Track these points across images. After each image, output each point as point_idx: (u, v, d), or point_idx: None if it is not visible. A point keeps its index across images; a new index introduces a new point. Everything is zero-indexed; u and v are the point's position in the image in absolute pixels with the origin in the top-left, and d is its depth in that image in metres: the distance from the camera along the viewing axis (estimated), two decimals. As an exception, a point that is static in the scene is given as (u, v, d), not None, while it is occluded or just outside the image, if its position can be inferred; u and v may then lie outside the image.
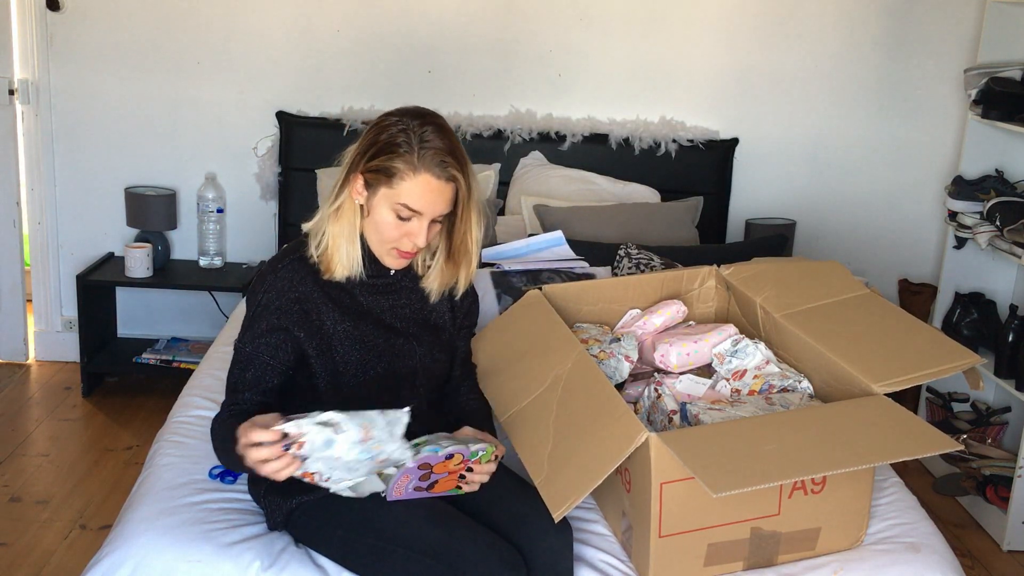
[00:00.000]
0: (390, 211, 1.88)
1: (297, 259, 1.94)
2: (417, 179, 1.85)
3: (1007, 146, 3.45)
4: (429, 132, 1.86)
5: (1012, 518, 3.00)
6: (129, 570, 1.85)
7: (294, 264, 1.93)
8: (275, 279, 1.91)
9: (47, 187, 3.82)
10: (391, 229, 1.89)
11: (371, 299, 1.99)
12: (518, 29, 3.74)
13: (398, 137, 1.85)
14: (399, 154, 1.85)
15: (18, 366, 3.94)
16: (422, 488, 1.80)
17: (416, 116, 1.89)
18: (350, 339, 1.94)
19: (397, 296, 2.02)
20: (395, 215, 1.88)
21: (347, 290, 1.96)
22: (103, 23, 3.69)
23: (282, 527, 1.95)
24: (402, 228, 1.89)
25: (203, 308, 3.90)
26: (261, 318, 1.89)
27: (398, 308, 2.02)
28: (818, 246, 3.93)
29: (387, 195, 1.87)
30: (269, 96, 3.77)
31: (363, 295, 1.98)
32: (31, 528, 2.84)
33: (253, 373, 1.89)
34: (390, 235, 1.90)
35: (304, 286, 1.91)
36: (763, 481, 1.66)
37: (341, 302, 1.95)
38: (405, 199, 1.86)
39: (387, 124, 1.88)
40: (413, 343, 2.01)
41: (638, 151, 3.73)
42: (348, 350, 1.94)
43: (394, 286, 2.02)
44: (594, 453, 1.80)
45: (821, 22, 3.75)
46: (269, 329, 1.88)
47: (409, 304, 2.04)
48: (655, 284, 2.52)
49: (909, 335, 2.16)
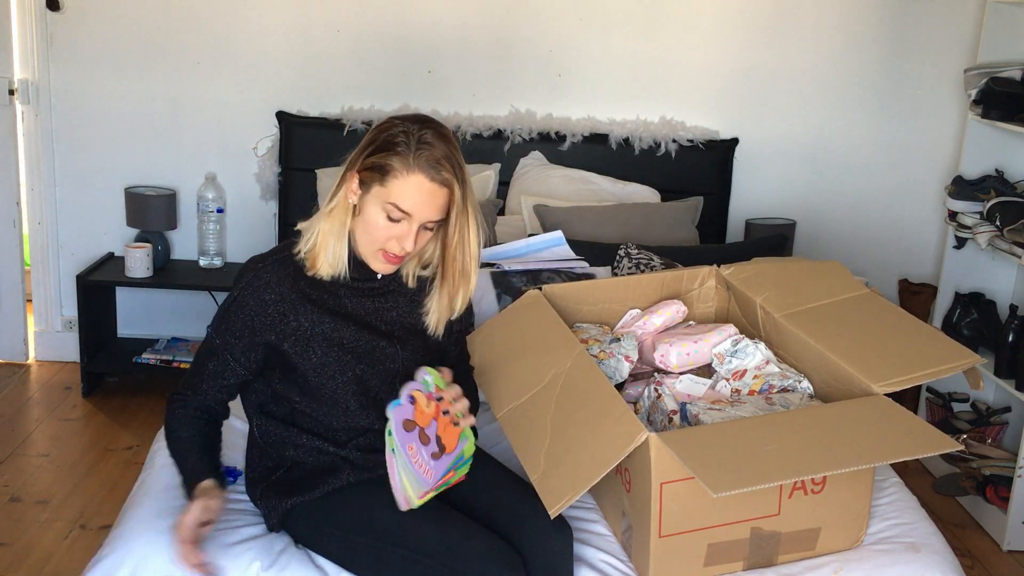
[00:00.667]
0: (380, 210, 1.86)
1: (280, 259, 1.93)
2: (410, 179, 1.83)
3: (1007, 146, 3.45)
4: (429, 135, 1.85)
5: (1012, 518, 3.00)
6: (129, 570, 1.85)
7: (275, 265, 1.92)
8: (254, 277, 1.90)
9: (47, 187, 3.82)
10: (379, 229, 1.87)
11: (356, 301, 1.96)
12: (518, 29, 3.74)
13: (397, 137, 1.85)
14: (395, 152, 1.84)
15: (18, 366, 3.94)
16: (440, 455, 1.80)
17: (418, 121, 1.88)
18: (327, 341, 1.91)
19: (384, 299, 1.99)
20: (385, 215, 1.86)
21: (331, 291, 1.94)
22: (103, 23, 3.69)
23: (279, 528, 1.95)
24: (391, 230, 1.87)
25: (203, 308, 3.90)
26: (234, 315, 1.90)
27: (384, 311, 1.99)
28: (818, 246, 3.93)
29: (379, 193, 1.85)
30: (269, 96, 3.77)
31: (348, 297, 1.95)
32: (31, 528, 2.84)
33: (215, 366, 1.93)
34: (378, 235, 1.88)
35: (282, 287, 1.90)
36: (763, 481, 1.66)
37: (323, 303, 1.92)
38: (396, 198, 1.84)
39: (388, 125, 1.88)
40: (397, 346, 1.98)
41: (638, 151, 3.73)
42: (325, 351, 1.91)
43: (380, 290, 1.99)
44: (593, 451, 1.80)
45: (821, 22, 3.75)
46: (240, 329, 1.90)
47: (396, 307, 2.00)
48: (655, 284, 2.52)
49: (909, 335, 2.16)
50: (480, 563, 1.76)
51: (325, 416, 1.95)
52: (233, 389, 1.97)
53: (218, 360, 1.92)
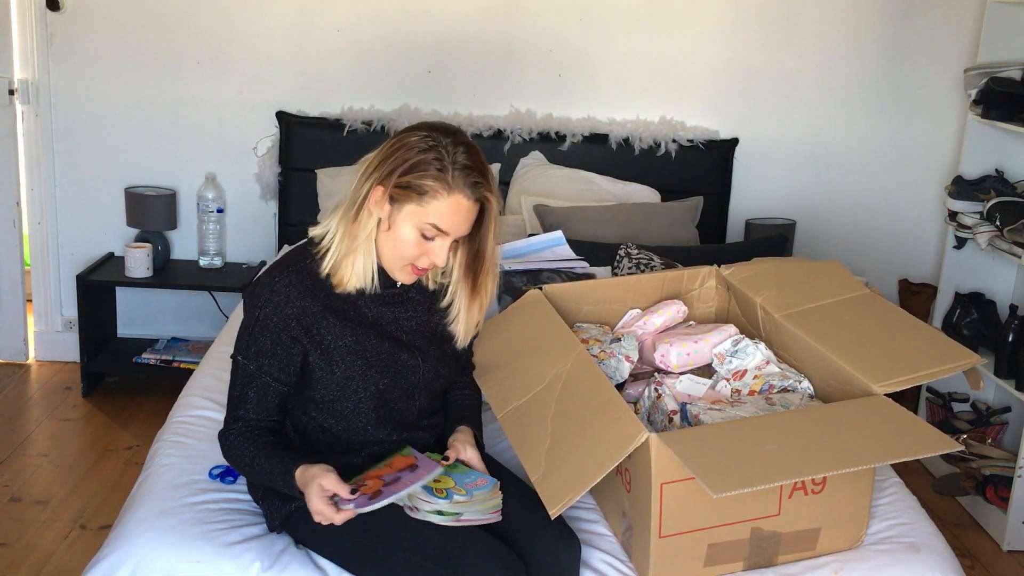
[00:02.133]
0: (414, 229, 1.83)
1: (296, 271, 1.88)
2: (450, 200, 1.80)
3: (1007, 146, 3.45)
4: (463, 152, 1.82)
5: (1012, 518, 3.00)
6: (129, 570, 1.85)
7: (291, 277, 1.86)
8: (272, 293, 1.85)
9: (47, 187, 3.82)
10: (412, 247, 1.84)
11: (377, 311, 1.94)
12: (518, 29, 3.74)
13: (429, 154, 1.80)
14: (432, 173, 1.79)
15: (18, 366, 3.94)
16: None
17: (448, 133, 1.84)
18: (352, 354, 1.89)
19: (404, 308, 1.97)
20: (419, 233, 1.83)
21: (351, 301, 1.91)
22: (103, 23, 3.69)
23: (281, 529, 1.95)
24: (423, 247, 1.84)
25: (203, 308, 3.90)
26: (262, 335, 1.84)
27: (404, 320, 1.97)
28: (818, 246, 3.93)
29: (415, 212, 1.81)
30: (269, 96, 3.76)
31: (368, 306, 1.93)
32: (31, 528, 2.84)
33: (256, 392, 1.86)
34: (410, 253, 1.85)
35: (303, 300, 1.86)
36: (763, 481, 1.66)
37: (344, 314, 1.89)
38: (435, 219, 1.81)
39: (419, 141, 1.82)
40: (418, 359, 1.96)
41: (638, 151, 3.73)
42: (350, 365, 1.88)
43: (400, 297, 1.97)
44: (593, 451, 1.79)
45: (821, 22, 3.75)
46: (273, 347, 1.85)
47: (416, 316, 1.99)
48: (655, 284, 2.52)
49: (909, 335, 2.16)
50: (481, 567, 1.75)
51: (340, 430, 1.94)
52: (281, 406, 1.91)
53: (258, 385, 1.87)
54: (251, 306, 1.87)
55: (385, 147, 1.86)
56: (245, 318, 1.88)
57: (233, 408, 1.89)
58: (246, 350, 1.86)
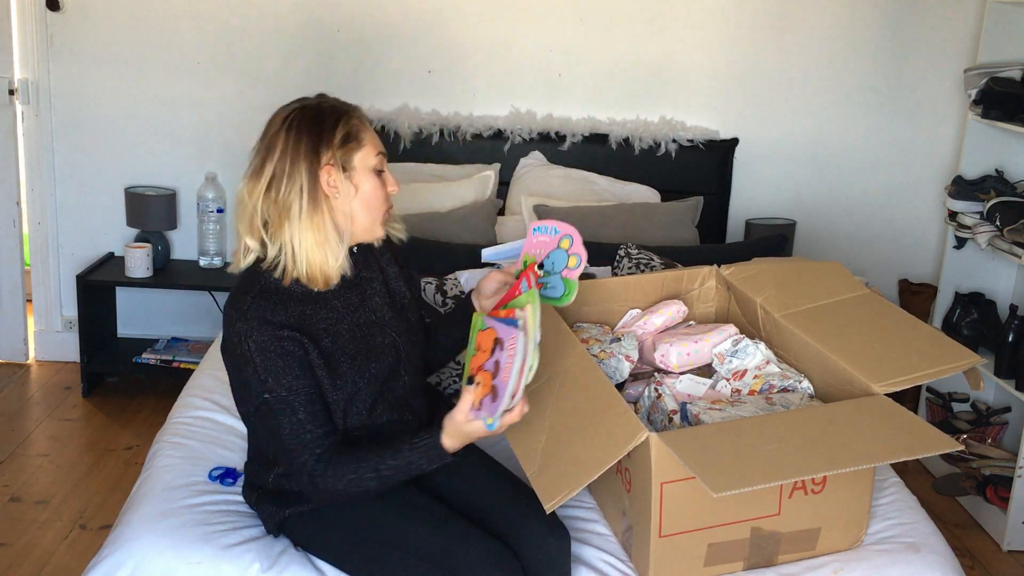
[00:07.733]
0: (370, 172, 1.87)
1: (257, 294, 1.81)
2: (364, 124, 1.88)
3: (1007, 146, 3.45)
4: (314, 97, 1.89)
5: (1012, 518, 3.00)
6: (129, 571, 1.85)
7: (258, 301, 1.80)
8: (248, 320, 1.78)
9: (47, 187, 3.82)
10: (379, 190, 1.89)
11: (343, 300, 1.90)
12: (518, 29, 3.74)
13: (319, 111, 1.84)
14: (342, 119, 1.84)
15: (18, 366, 3.94)
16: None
17: (304, 98, 1.89)
18: (338, 350, 1.87)
19: (362, 288, 1.95)
20: (374, 173, 1.88)
21: (319, 300, 1.87)
22: (103, 23, 3.69)
23: (277, 533, 1.95)
24: (382, 182, 1.89)
25: (203, 308, 3.90)
26: (266, 360, 1.77)
27: (368, 298, 1.95)
28: (818, 246, 3.93)
29: (363, 159, 1.86)
30: (269, 96, 3.76)
31: (336, 298, 1.89)
32: (31, 528, 2.84)
33: (304, 410, 1.78)
34: (381, 196, 1.89)
35: (276, 316, 1.79)
36: (763, 481, 1.66)
37: (316, 316, 1.85)
38: (373, 148, 1.87)
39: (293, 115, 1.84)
40: (392, 334, 1.94)
41: (638, 151, 3.73)
42: (339, 361, 1.86)
43: (355, 279, 1.93)
44: (591, 449, 1.79)
45: (821, 22, 3.75)
46: (282, 363, 1.78)
47: (376, 293, 1.97)
48: (655, 284, 2.52)
49: (909, 335, 2.16)
50: (478, 567, 1.76)
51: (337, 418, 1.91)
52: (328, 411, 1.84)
53: (299, 403, 1.78)
54: (235, 347, 1.80)
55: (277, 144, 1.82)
56: (238, 364, 1.81)
57: (296, 444, 1.78)
58: (263, 385, 1.78)
